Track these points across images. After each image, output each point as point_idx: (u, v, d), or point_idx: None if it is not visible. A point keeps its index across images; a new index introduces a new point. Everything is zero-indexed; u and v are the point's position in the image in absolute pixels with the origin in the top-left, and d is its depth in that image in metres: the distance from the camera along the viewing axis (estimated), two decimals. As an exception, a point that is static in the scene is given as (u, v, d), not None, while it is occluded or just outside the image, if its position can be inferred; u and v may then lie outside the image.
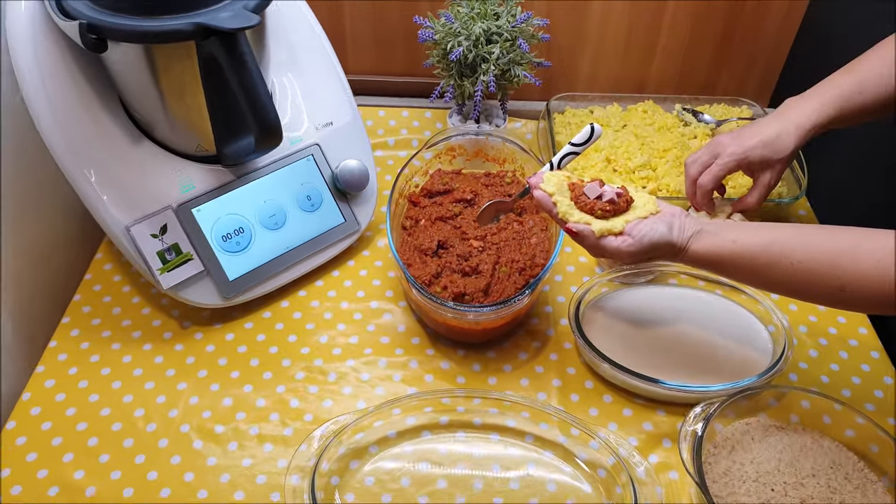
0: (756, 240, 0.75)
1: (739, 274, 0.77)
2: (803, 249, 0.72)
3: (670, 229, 0.78)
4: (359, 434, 0.86)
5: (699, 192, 1.00)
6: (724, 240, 0.76)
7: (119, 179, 0.89)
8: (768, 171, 0.97)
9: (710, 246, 0.77)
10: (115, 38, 0.78)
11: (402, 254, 0.98)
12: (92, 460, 0.83)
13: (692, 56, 1.34)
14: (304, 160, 1.01)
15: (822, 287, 0.71)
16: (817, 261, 0.71)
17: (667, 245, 0.78)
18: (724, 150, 0.96)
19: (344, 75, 1.07)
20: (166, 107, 0.87)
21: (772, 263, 0.73)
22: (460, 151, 1.11)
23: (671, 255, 0.79)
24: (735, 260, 0.75)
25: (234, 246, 0.96)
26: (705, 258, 0.77)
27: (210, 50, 0.79)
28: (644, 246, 0.77)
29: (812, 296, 0.74)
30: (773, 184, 0.98)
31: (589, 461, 0.85)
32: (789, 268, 0.72)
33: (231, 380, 0.92)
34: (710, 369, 0.92)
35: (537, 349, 0.97)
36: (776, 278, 0.74)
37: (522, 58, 1.11)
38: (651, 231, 0.77)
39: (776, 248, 0.73)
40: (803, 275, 0.72)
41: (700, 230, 0.78)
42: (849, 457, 0.82)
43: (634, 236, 0.78)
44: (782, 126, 0.94)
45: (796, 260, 0.72)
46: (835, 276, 0.70)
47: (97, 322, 0.98)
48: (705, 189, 0.99)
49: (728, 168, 0.96)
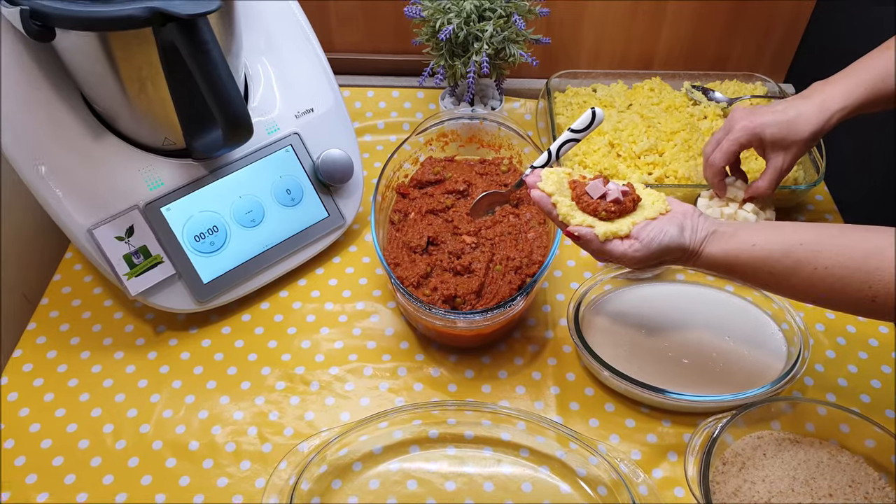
0: (777, 243, 0.67)
1: (758, 280, 0.70)
2: (830, 253, 0.64)
3: (682, 231, 0.70)
4: (342, 450, 0.80)
5: (709, 171, 0.94)
6: (741, 242, 0.69)
7: (79, 178, 0.82)
8: (782, 154, 0.89)
9: (726, 249, 0.69)
10: (61, 26, 0.71)
11: (390, 252, 0.92)
12: (57, 481, 0.78)
13: (702, 28, 1.25)
14: (283, 151, 0.94)
15: (851, 296, 0.64)
16: (845, 266, 0.63)
17: (678, 249, 0.70)
18: (735, 123, 0.90)
19: (325, 59, 0.99)
20: (128, 98, 0.80)
21: (795, 269, 0.66)
22: (453, 137, 1.04)
23: (683, 259, 0.72)
24: (754, 265, 0.68)
25: (208, 246, 0.90)
26: (721, 263, 0.70)
27: (169, 37, 0.72)
28: (653, 251, 0.70)
29: (841, 305, 0.66)
30: (786, 168, 0.90)
31: (588, 478, 0.79)
32: (813, 274, 0.65)
33: (207, 391, 0.86)
34: (721, 376, 0.85)
35: (534, 353, 0.91)
36: (799, 286, 0.66)
37: (518, 35, 1.02)
38: (661, 234, 0.70)
39: (800, 252, 0.66)
40: (830, 282, 0.64)
41: (715, 231, 0.70)
42: (868, 473, 0.76)
43: (642, 240, 0.70)
44: (804, 107, 0.86)
45: (822, 265, 0.64)
46: (865, 284, 0.62)
47: (65, 328, 0.92)
48: (715, 167, 0.93)
49: (739, 143, 0.89)
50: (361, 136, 1.20)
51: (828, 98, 0.85)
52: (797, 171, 1.07)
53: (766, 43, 1.27)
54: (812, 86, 0.88)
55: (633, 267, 0.73)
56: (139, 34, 0.73)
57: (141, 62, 0.76)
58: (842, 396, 0.87)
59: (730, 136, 0.90)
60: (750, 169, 1.06)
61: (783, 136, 0.87)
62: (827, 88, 0.86)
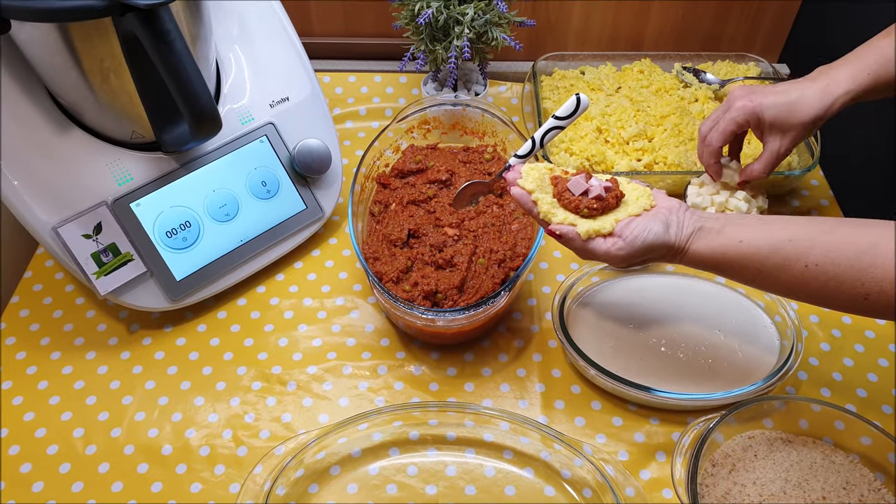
0: (765, 239, 0.64)
1: (746, 277, 0.67)
2: (821, 250, 0.61)
3: (667, 228, 0.67)
4: (320, 453, 0.78)
5: (705, 152, 0.90)
6: (728, 239, 0.66)
7: (43, 173, 0.79)
8: (779, 137, 0.85)
9: (713, 247, 0.67)
10: (15, 17, 0.67)
11: (369, 245, 0.89)
12: (24, 489, 0.76)
13: (693, 8, 1.21)
14: (258, 142, 0.91)
15: (843, 294, 0.61)
16: (837, 264, 0.60)
17: (663, 246, 0.67)
18: (734, 102, 0.86)
19: (301, 46, 0.96)
20: (92, 91, 0.76)
21: (783, 266, 0.63)
22: (435, 124, 1.00)
23: (669, 256, 0.69)
24: (742, 262, 0.65)
25: (181, 242, 0.86)
26: (708, 260, 0.67)
27: (129, 28, 0.68)
28: (637, 249, 0.67)
29: (832, 303, 0.63)
30: (783, 153, 0.87)
31: (573, 480, 0.77)
32: (804, 271, 0.62)
33: (181, 392, 0.84)
34: (711, 371, 0.83)
35: (519, 349, 0.88)
36: (789, 283, 0.64)
37: (500, 18, 0.99)
38: (645, 231, 0.67)
39: (789, 248, 0.63)
40: (822, 280, 0.61)
41: (701, 227, 0.67)
42: (864, 474, 0.73)
43: (626, 238, 0.67)
44: (808, 90, 0.82)
45: (812, 263, 0.61)
46: (857, 282, 0.60)
47: (36, 328, 0.89)
48: (711, 148, 0.89)
49: (736, 122, 0.86)
50: (343, 123, 1.16)
51: (832, 82, 0.81)
52: (792, 156, 1.03)
53: (760, 21, 1.23)
54: (817, 69, 0.84)
55: (617, 266, 0.70)
56: (98, 25, 0.69)
57: (102, 53, 0.72)
58: (837, 391, 0.84)
59: (727, 116, 0.86)
60: (743, 154, 1.03)
61: (784, 119, 0.83)
62: (831, 73, 0.82)
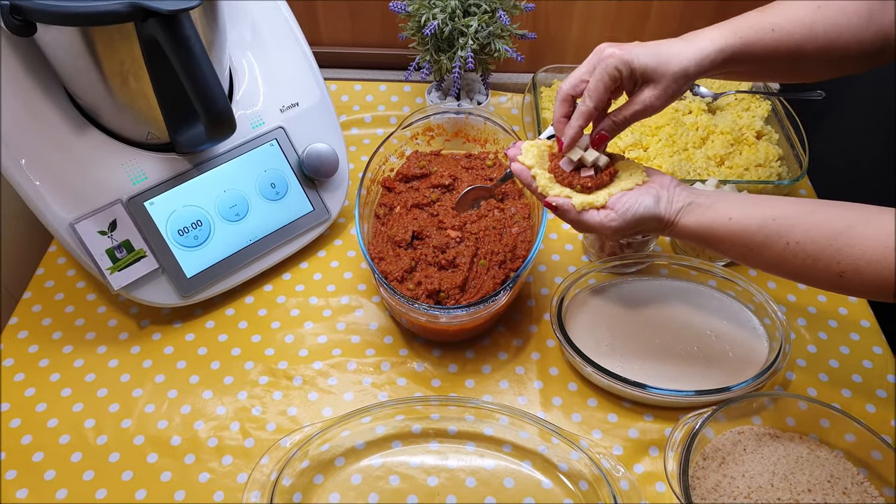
0: (753, 217, 0.68)
1: (732, 252, 0.71)
2: (802, 229, 0.65)
3: (657, 202, 0.71)
4: (324, 445, 0.80)
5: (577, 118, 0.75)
6: (718, 215, 0.70)
7: (61, 171, 0.82)
8: (651, 87, 0.74)
9: (702, 221, 0.70)
10: (42, 21, 0.70)
11: (375, 246, 0.92)
12: (37, 477, 0.78)
13: (688, 20, 1.25)
14: (268, 145, 0.94)
15: (820, 271, 0.65)
16: (816, 243, 0.64)
17: (654, 219, 0.71)
18: (603, 52, 0.74)
19: (311, 53, 0.99)
20: (111, 92, 0.79)
21: (767, 243, 0.67)
22: (439, 131, 1.04)
23: (659, 229, 0.73)
24: (730, 238, 0.69)
25: (192, 240, 0.89)
26: (696, 234, 0.71)
27: (151, 32, 0.71)
28: (628, 220, 0.71)
29: (810, 279, 0.68)
30: (652, 103, 0.74)
31: (570, 473, 0.79)
32: (785, 249, 0.66)
33: (189, 385, 0.86)
34: (703, 370, 0.86)
35: (518, 348, 0.91)
36: (771, 259, 0.68)
37: (503, 30, 1.02)
38: (635, 204, 0.71)
39: (773, 226, 0.67)
40: (801, 258, 0.65)
41: (691, 203, 0.71)
42: (847, 468, 0.76)
43: (618, 210, 0.71)
44: (677, 45, 0.74)
45: (793, 240, 0.65)
46: (834, 260, 0.64)
47: (48, 322, 0.92)
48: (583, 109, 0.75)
49: (609, 74, 0.73)
50: (348, 130, 1.19)
51: (703, 39, 0.74)
52: (781, 167, 1.07)
53: (753, 38, 1.27)
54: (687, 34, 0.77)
55: (610, 237, 0.74)
56: (121, 29, 0.72)
57: (123, 57, 0.75)
58: (823, 391, 0.87)
59: (601, 66, 0.74)
60: (734, 163, 1.07)
61: (653, 68, 0.73)
62: (704, 33, 0.75)
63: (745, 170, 1.06)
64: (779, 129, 1.12)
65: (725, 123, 1.10)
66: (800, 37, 0.73)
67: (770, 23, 0.74)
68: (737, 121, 1.12)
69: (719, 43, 0.73)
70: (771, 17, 0.75)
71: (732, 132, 1.09)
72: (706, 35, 0.74)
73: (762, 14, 0.75)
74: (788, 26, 0.73)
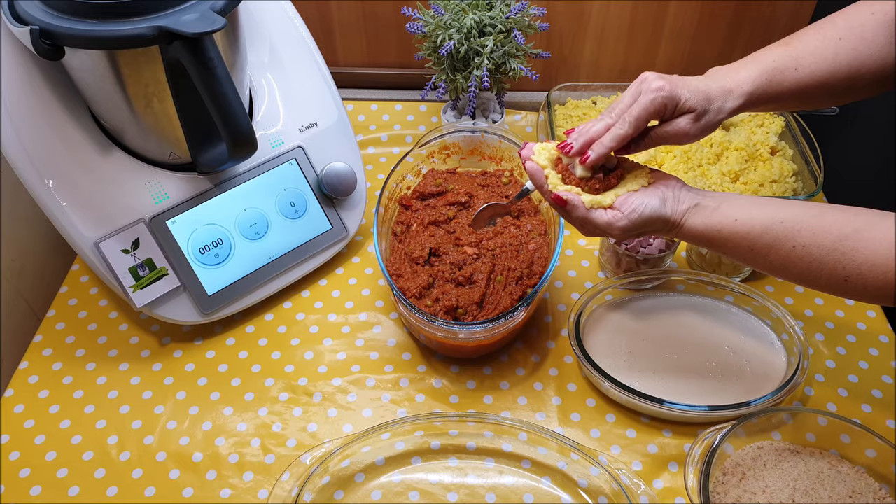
0: (759, 219, 0.68)
1: (737, 254, 0.71)
2: (808, 233, 0.65)
3: (663, 203, 0.71)
4: (344, 461, 0.81)
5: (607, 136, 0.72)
6: (724, 217, 0.70)
7: (86, 191, 0.83)
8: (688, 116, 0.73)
9: (708, 223, 0.70)
10: (70, 45, 0.72)
11: (392, 263, 0.93)
12: (61, 493, 0.79)
13: (700, 41, 1.26)
14: (287, 164, 0.96)
15: (825, 275, 0.65)
16: (822, 246, 0.64)
17: (660, 220, 0.71)
18: (649, 85, 0.72)
19: (329, 74, 1.01)
20: (135, 114, 0.81)
21: (773, 246, 0.67)
22: (455, 150, 1.05)
23: (666, 230, 0.73)
24: (735, 240, 0.69)
25: (213, 258, 0.91)
26: (702, 236, 0.71)
27: (175, 55, 0.73)
28: (635, 221, 0.71)
29: (815, 283, 0.67)
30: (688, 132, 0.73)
31: (589, 489, 0.79)
32: (791, 252, 0.66)
33: (210, 402, 0.87)
34: (721, 386, 0.86)
35: (536, 364, 0.92)
36: (776, 262, 0.68)
37: (518, 50, 1.04)
38: (642, 205, 0.71)
39: (779, 229, 0.67)
40: (807, 261, 0.65)
41: (698, 204, 0.71)
42: (869, 484, 0.76)
43: (624, 211, 0.71)
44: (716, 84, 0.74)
45: (799, 244, 0.66)
46: (839, 265, 0.64)
47: (71, 340, 0.93)
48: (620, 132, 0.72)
49: (655, 106, 0.71)
50: (365, 149, 1.21)
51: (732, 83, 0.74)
52: (795, 182, 1.07)
53: (766, 55, 1.28)
54: (712, 70, 0.77)
55: (617, 238, 0.74)
56: (146, 52, 0.74)
57: (148, 79, 0.77)
58: (843, 406, 0.87)
59: (643, 99, 0.71)
60: (748, 179, 1.07)
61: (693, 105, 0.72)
62: (730, 73, 0.76)
63: (759, 185, 1.06)
64: (793, 145, 1.12)
65: (740, 139, 1.11)
66: (823, 74, 0.74)
67: (794, 60, 0.75)
68: (751, 137, 1.12)
69: (747, 88, 0.74)
70: (794, 52, 0.75)
71: (747, 148, 1.09)
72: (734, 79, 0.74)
73: (786, 49, 0.76)
74: (812, 65, 0.74)
